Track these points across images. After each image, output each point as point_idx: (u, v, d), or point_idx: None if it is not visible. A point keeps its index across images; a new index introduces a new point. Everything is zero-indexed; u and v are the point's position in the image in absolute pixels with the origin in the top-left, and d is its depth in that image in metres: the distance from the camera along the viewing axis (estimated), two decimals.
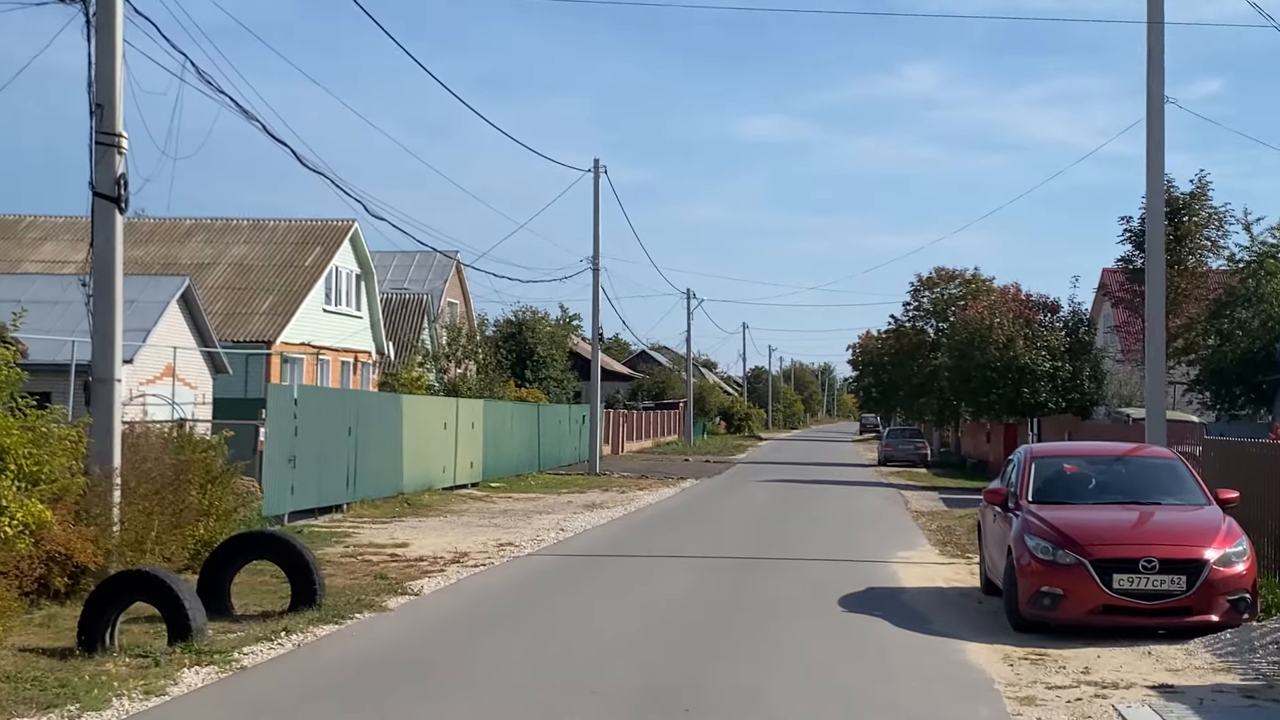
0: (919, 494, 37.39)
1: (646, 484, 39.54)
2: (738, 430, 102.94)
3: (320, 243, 44.36)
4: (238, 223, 46.10)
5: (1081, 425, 30.90)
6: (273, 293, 41.89)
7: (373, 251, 63.94)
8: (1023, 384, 41.58)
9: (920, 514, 29.28)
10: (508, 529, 23.19)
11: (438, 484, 31.77)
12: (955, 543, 22.20)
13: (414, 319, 54.91)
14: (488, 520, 25.20)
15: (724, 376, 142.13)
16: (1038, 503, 13.50)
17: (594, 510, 28.50)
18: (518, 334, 70.47)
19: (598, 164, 44.24)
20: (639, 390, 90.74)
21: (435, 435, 31.88)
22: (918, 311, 62.35)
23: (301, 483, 23.36)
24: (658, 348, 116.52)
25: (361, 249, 45.91)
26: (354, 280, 45.84)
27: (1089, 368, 42.01)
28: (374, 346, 47.21)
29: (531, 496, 32.78)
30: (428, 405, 32.86)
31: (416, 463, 30.32)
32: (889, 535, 23.56)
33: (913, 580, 16.72)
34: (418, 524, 23.95)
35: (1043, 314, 43.36)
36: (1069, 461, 14.62)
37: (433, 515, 26.02)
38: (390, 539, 20.73)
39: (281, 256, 43.74)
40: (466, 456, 34.56)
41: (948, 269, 61.33)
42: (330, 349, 43.17)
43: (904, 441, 58.00)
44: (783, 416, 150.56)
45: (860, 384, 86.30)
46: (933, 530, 24.97)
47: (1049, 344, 42.00)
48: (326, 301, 43.56)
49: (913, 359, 61.70)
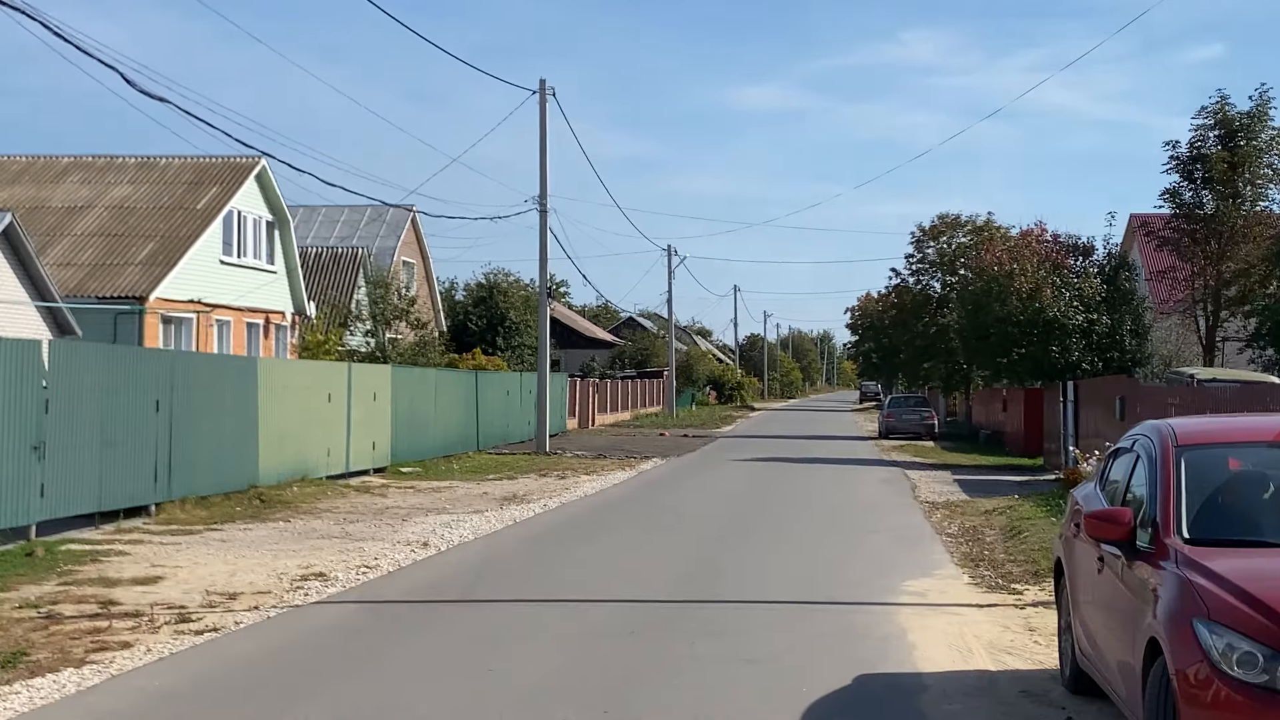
0: (928, 475, 30.53)
1: (599, 466, 32.66)
2: (729, 400, 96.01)
3: (217, 182, 37.36)
4: (123, 160, 39.09)
5: (1139, 389, 24.01)
6: (154, 239, 34.94)
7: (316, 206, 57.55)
8: (1050, 341, 34.63)
9: (933, 506, 22.39)
10: (356, 542, 16.33)
11: (317, 472, 24.88)
12: (989, 559, 15.33)
13: (347, 276, 47.91)
14: (345, 526, 18.33)
15: (719, 345, 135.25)
16: (1203, 542, 6.60)
17: (506, 506, 21.65)
18: (489, 298, 63.92)
19: (544, 85, 37.16)
20: (619, 357, 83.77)
21: (313, 410, 24.98)
22: (921, 265, 55.41)
23: (62, 479, 16.49)
24: (647, 314, 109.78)
25: (273, 191, 38.88)
26: (263, 228, 38.84)
27: (1130, 320, 35.04)
28: (291, 306, 40.25)
29: (443, 486, 25.91)
30: (300, 371, 25.92)
31: (282, 445, 23.45)
32: (894, 546, 16.66)
33: (936, 653, 9.81)
34: (239, 535, 17.08)
35: (1074, 258, 36.32)
36: (1235, 452, 7.59)
37: (277, 519, 19.15)
38: (150, 568, 13.85)
39: (170, 198, 36.77)
40: (365, 436, 27.65)
41: (954, 215, 54.35)
42: (229, 308, 36.25)
43: (908, 411, 50.96)
44: (780, 386, 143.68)
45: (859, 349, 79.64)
46: (954, 535, 18.07)
47: (1082, 293, 35.02)
48: (225, 252, 36.64)
49: (917, 318, 54.85)
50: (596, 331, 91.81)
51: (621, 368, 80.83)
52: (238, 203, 37.06)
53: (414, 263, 56.93)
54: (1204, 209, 36.22)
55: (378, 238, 55.44)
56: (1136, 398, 23.65)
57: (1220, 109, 35.74)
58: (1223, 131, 35.79)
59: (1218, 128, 35.83)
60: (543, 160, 37.37)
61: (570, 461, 34.02)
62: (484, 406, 38.00)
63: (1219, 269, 36.22)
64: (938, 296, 54.25)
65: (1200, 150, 35.91)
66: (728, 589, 12.88)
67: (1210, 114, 35.87)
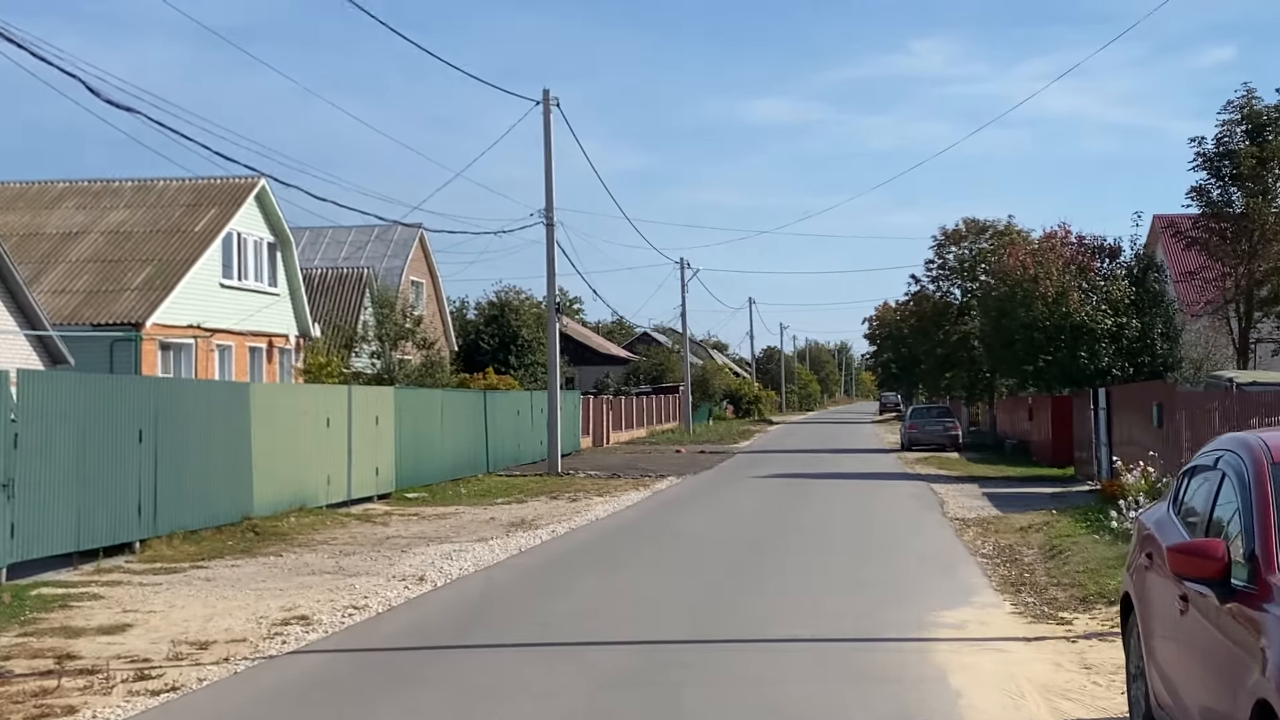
0: (955, 489, 29.34)
1: (613, 486, 31.53)
2: (746, 414, 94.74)
3: (216, 203, 36.43)
4: (119, 184, 38.18)
5: (1177, 395, 22.79)
6: (150, 263, 33.99)
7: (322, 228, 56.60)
8: (1079, 346, 33.42)
9: (964, 523, 21.21)
10: (348, 578, 15.22)
11: (316, 501, 23.80)
12: (1030, 583, 14.15)
13: (353, 297, 46.91)
14: (340, 560, 17.23)
15: (735, 358, 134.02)
16: None
17: (513, 533, 20.53)
18: (500, 316, 62.97)
19: (547, 95, 36.10)
20: (634, 373, 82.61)
21: (311, 436, 23.91)
22: (941, 271, 54.14)
23: (33, 518, 15.43)
24: (662, 329, 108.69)
25: (274, 212, 37.93)
26: (264, 250, 37.90)
27: (1161, 323, 33.79)
28: (294, 329, 39.26)
29: (448, 512, 24.81)
30: (296, 396, 24.86)
31: (277, 474, 22.38)
32: (926, 570, 15.50)
33: (983, 699, 8.65)
34: (225, 573, 16.00)
35: (1100, 260, 35.09)
36: None
37: (269, 553, 18.07)
38: (121, 614, 12.77)
39: (168, 221, 35.86)
40: (368, 461, 26.58)
41: (976, 219, 53.10)
42: (230, 332, 35.26)
43: (931, 421, 49.68)
44: (798, 398, 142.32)
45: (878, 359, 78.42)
46: (989, 556, 16.89)
47: (1110, 296, 33.80)
48: (225, 275, 35.70)
49: (937, 326, 53.58)
50: (610, 348, 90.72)
51: (636, 384, 79.70)
52: (237, 224, 36.13)
53: (423, 282, 56.00)
54: (1233, 207, 34.99)
55: (385, 258, 54.53)
56: (1175, 404, 22.43)
57: (1247, 103, 34.50)
58: (1250, 126, 34.53)
59: (1245, 122, 34.57)
60: (548, 172, 36.34)
61: (583, 482, 32.91)
62: (493, 427, 36.91)
63: (1250, 268, 34.97)
64: (959, 304, 52.99)
65: (1227, 146, 34.67)
66: (745, 624, 11.74)
67: (1237, 109, 34.62)
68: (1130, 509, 16.72)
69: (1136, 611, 7.14)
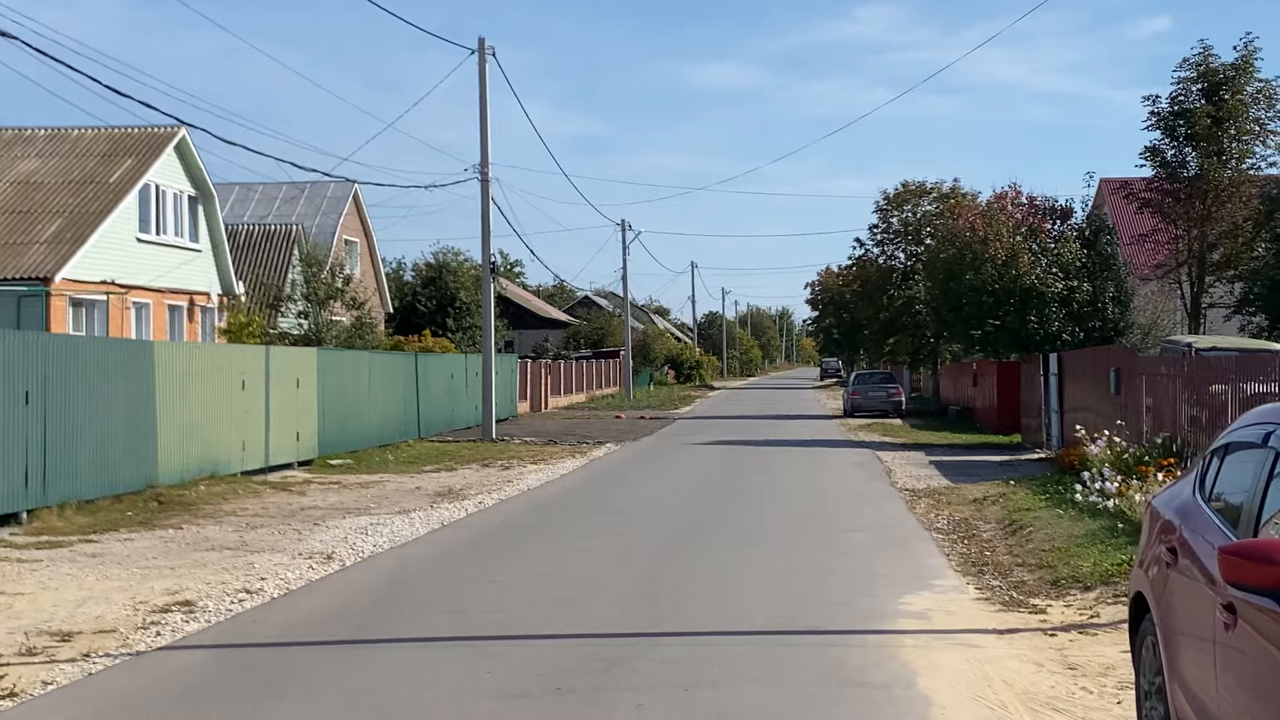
0: (901, 457, 28.30)
1: (548, 453, 30.23)
2: (687, 380, 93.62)
3: (132, 153, 34.62)
4: (31, 132, 36.25)
5: (1136, 360, 21.74)
6: (62, 215, 32.22)
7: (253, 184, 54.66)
8: (1028, 310, 32.44)
9: (915, 495, 20.10)
10: (249, 555, 13.83)
11: (230, 468, 22.32)
12: (993, 562, 13.01)
13: (281, 254, 45.13)
14: (245, 533, 15.83)
15: (677, 323, 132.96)
16: None
17: (438, 505, 19.20)
18: (438, 278, 61.49)
19: (483, 44, 34.50)
20: (574, 338, 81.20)
21: (225, 399, 22.41)
22: (886, 235, 53.10)
23: None
24: (603, 293, 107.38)
25: (195, 164, 36.19)
26: (184, 203, 36.16)
27: (1113, 287, 32.85)
28: (218, 286, 37.56)
29: (372, 481, 23.43)
30: (208, 356, 23.29)
31: (186, 439, 20.89)
32: (880, 548, 14.32)
33: (959, 711, 7.45)
34: (115, 548, 14.57)
35: (1051, 221, 34.08)
36: None
37: (169, 525, 16.63)
38: None
39: (81, 171, 34.04)
40: (288, 426, 25.09)
41: (917, 182, 52.02)
42: (148, 289, 33.56)
43: (874, 388, 48.70)
44: (739, 364, 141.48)
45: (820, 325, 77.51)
46: (944, 531, 15.76)
47: (1061, 259, 32.80)
48: (142, 229, 33.97)
49: (881, 291, 52.57)
50: (551, 311, 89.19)
51: (576, 348, 78.34)
52: (155, 175, 34.39)
53: (357, 241, 54.25)
54: (1187, 168, 34.12)
55: (318, 215, 52.74)
56: (1134, 369, 21.40)
57: (1203, 60, 33.58)
58: (1206, 85, 33.63)
59: (1200, 81, 33.66)
60: (483, 125, 34.79)
61: (517, 449, 31.59)
62: (426, 391, 35.47)
63: (1204, 231, 34.14)
64: (903, 268, 51.99)
65: (1183, 105, 33.76)
66: (686, 614, 10.50)
67: (1192, 65, 33.70)
68: (1096, 481, 15.63)
69: (1155, 618, 5.93)
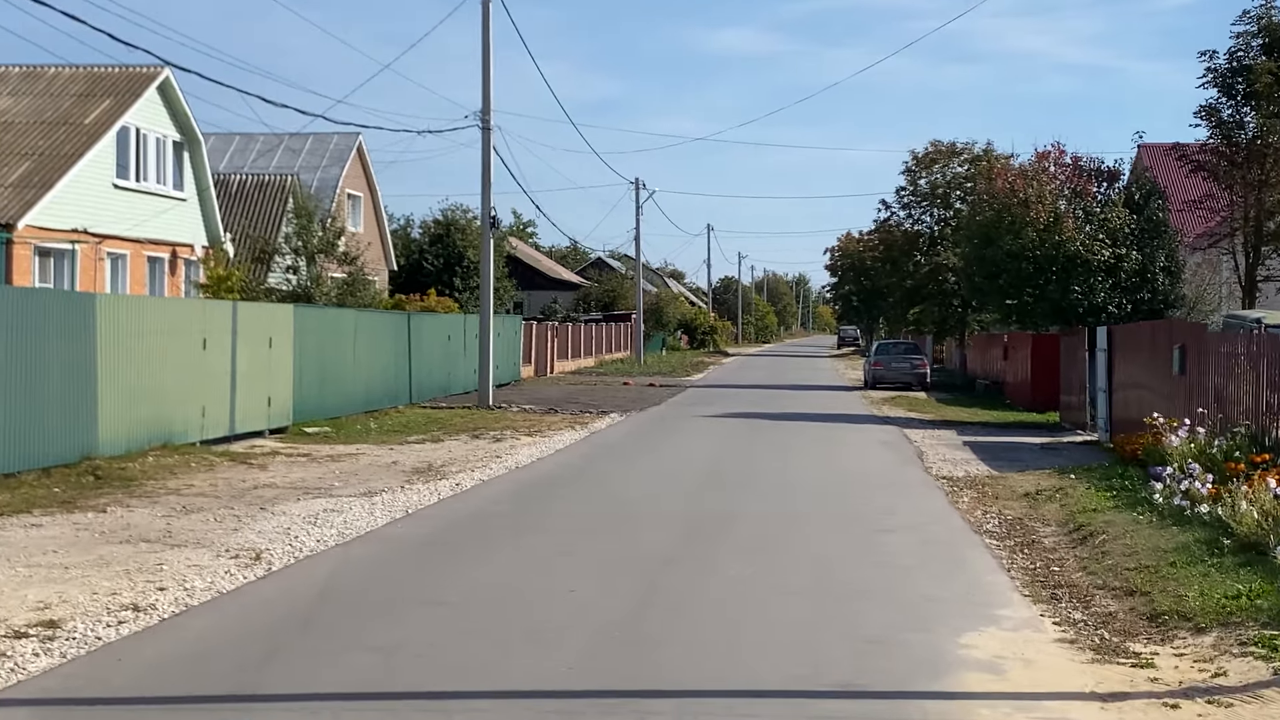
0: (931, 436, 25.90)
1: (545, 423, 27.88)
2: (701, 345, 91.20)
3: (111, 94, 32.25)
4: (4, 70, 33.89)
5: (1205, 337, 19.29)
6: (30, 158, 29.90)
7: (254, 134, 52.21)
8: (1072, 279, 29.91)
9: (954, 484, 17.69)
10: (164, 551, 11.51)
11: (187, 436, 19.99)
12: (1067, 584, 10.58)
13: (274, 206, 42.72)
14: (175, 519, 13.50)
15: (691, 287, 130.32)
16: None
17: (410, 485, 16.85)
18: (445, 236, 59.01)
19: None
20: (585, 299, 78.76)
21: (182, 359, 20.08)
22: (913, 198, 50.51)
23: None
24: (617, 255, 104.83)
25: (180, 107, 33.83)
26: (168, 148, 33.82)
27: (1164, 256, 30.30)
28: (203, 238, 35.23)
29: (347, 453, 21.09)
30: (163, 311, 20.88)
31: (134, 404, 18.57)
32: (924, 559, 11.88)
33: None
34: (16, 536, 12.28)
35: (1098, 184, 31.50)
36: None
37: (94, 506, 14.31)
38: None
39: (55, 112, 31.71)
40: (258, 390, 22.76)
41: (948, 143, 49.37)
42: (125, 239, 31.26)
43: (898, 359, 46.14)
44: (754, 330, 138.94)
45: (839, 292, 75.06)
46: (997, 535, 13.31)
47: (1108, 224, 30.25)
48: (120, 175, 31.67)
49: (907, 257, 50.02)
50: (561, 272, 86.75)
51: (587, 310, 75.93)
52: (135, 118, 32.04)
53: (360, 195, 51.83)
54: (1245, 130, 31.50)
55: (320, 168, 50.32)
56: (1204, 347, 18.92)
57: (1266, 13, 30.90)
58: (1267, 40, 30.97)
59: (1262, 35, 30.98)
60: (485, 68, 32.27)
61: (514, 418, 29.24)
62: (419, 353, 33.12)
63: (1261, 197, 31.52)
64: (930, 233, 49.42)
65: (1241, 61, 31.10)
66: (683, 658, 8.11)
67: (1253, 18, 31.01)
68: (1180, 480, 13.21)
69: None
